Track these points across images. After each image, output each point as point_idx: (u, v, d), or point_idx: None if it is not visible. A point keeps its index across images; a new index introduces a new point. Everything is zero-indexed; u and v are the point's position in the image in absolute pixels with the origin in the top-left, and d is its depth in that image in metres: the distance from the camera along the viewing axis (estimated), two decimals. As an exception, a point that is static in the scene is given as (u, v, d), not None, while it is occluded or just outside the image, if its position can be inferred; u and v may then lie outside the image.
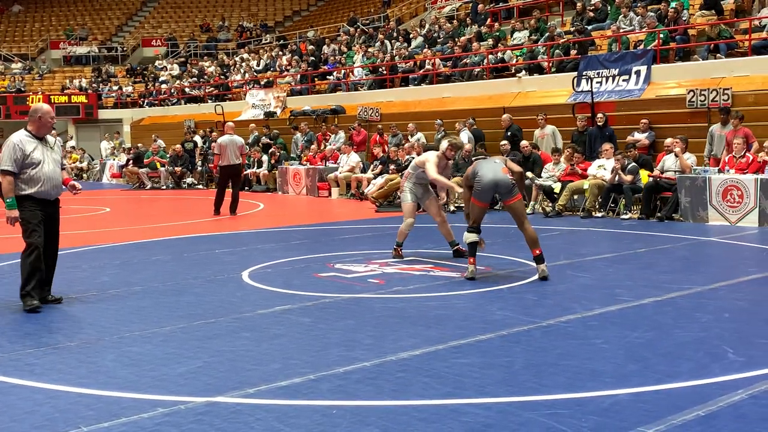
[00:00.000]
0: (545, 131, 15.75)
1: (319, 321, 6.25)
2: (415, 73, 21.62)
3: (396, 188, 15.81)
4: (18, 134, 6.90)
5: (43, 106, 7.09)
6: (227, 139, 14.55)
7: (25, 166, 6.75)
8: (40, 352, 5.49)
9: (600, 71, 16.56)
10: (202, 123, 26.29)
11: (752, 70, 14.59)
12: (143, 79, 34.98)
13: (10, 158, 6.72)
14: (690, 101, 14.45)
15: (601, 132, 14.59)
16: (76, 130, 32.52)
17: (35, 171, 6.78)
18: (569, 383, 4.61)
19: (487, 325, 6.03)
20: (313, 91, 24.99)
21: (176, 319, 6.39)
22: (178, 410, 4.27)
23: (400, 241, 9.32)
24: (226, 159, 14.50)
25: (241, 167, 15.44)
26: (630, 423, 3.97)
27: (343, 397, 4.45)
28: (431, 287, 7.55)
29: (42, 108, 7.02)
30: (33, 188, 6.80)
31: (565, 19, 20.99)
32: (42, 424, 4.12)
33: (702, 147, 13.65)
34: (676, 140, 12.73)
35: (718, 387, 4.51)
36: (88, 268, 9.06)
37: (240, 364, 5.12)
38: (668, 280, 7.67)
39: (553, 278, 7.86)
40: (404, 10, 30.53)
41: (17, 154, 6.73)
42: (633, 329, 5.81)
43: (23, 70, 36.50)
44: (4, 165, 6.71)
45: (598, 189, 13.17)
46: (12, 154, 6.73)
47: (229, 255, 9.83)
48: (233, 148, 14.50)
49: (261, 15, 40.96)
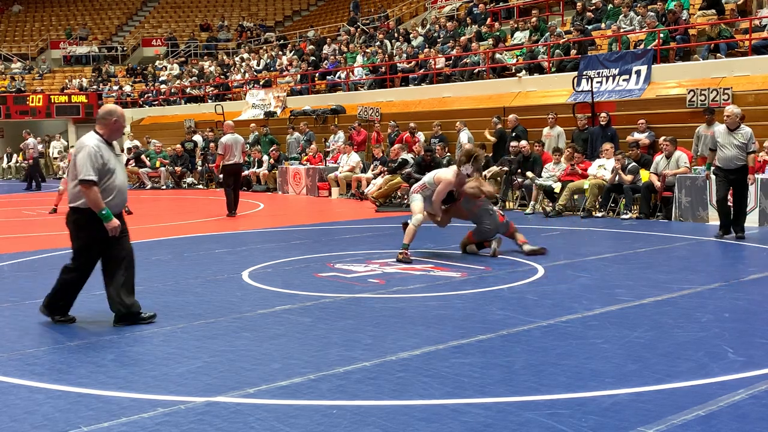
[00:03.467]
0: (552, 132, 15.69)
1: (319, 321, 6.25)
2: (415, 73, 21.62)
3: (396, 188, 15.81)
4: (91, 138, 6.10)
5: (118, 108, 6.40)
6: (230, 139, 14.53)
7: (102, 175, 6.01)
8: (40, 352, 5.49)
9: (600, 71, 16.56)
10: (202, 123, 26.30)
11: (752, 70, 14.59)
12: (143, 79, 34.99)
13: (92, 166, 5.91)
14: (690, 101, 14.45)
15: (603, 132, 14.59)
16: (76, 130, 32.52)
17: (110, 181, 6.05)
18: (569, 383, 4.61)
19: (487, 325, 6.03)
20: (313, 91, 24.99)
21: (176, 319, 6.38)
22: (178, 410, 4.27)
23: (408, 243, 9.17)
24: (229, 158, 14.47)
25: (242, 167, 15.44)
26: (630, 423, 3.97)
27: (343, 397, 4.44)
28: (431, 287, 7.55)
29: (117, 110, 6.32)
30: (105, 200, 6.03)
31: (565, 19, 21.00)
32: (42, 424, 4.12)
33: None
34: (666, 142, 12.71)
35: (718, 387, 4.51)
36: (88, 268, 9.04)
37: (240, 364, 5.12)
38: (668, 280, 7.67)
39: (553, 278, 7.86)
40: (404, 10, 30.53)
41: (98, 161, 5.96)
42: (633, 329, 5.81)
43: (23, 70, 36.51)
44: (87, 175, 5.89)
45: (598, 189, 13.17)
46: (93, 161, 5.93)
47: (229, 255, 9.83)
48: (237, 148, 14.49)
49: (261, 15, 40.96)
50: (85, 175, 5.90)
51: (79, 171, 5.94)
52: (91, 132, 6.22)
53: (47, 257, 9.71)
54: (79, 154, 5.99)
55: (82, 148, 6.03)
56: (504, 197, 15.04)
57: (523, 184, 14.51)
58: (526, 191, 14.50)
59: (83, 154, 5.97)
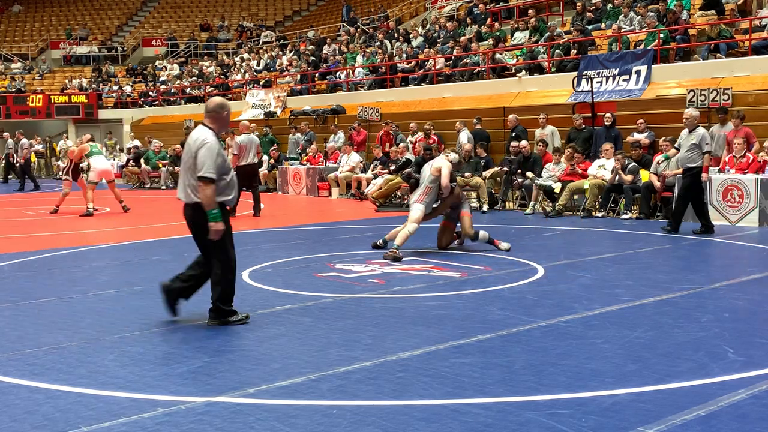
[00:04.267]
0: (545, 131, 15.76)
1: (319, 321, 6.25)
2: (415, 73, 21.62)
3: (396, 188, 15.81)
4: (208, 134, 5.99)
5: (226, 101, 6.36)
6: (246, 139, 14.47)
7: (224, 171, 5.97)
8: (40, 352, 5.49)
9: (600, 71, 16.56)
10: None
11: (752, 70, 14.59)
12: (143, 79, 34.98)
13: (212, 163, 5.84)
14: (690, 101, 14.44)
15: (607, 132, 14.59)
16: (76, 130, 32.52)
17: (230, 176, 6.04)
18: (569, 383, 4.61)
19: (487, 325, 6.03)
20: (313, 91, 24.99)
21: (176, 319, 6.38)
22: (178, 410, 4.27)
23: (400, 245, 9.26)
24: (244, 158, 14.42)
25: (257, 167, 15.38)
26: (630, 423, 3.97)
27: (343, 397, 4.44)
28: (431, 287, 7.55)
29: (227, 103, 6.30)
30: (227, 196, 6.01)
31: (565, 19, 20.99)
32: (42, 424, 4.12)
33: (702, 147, 13.64)
34: (666, 142, 12.73)
35: (718, 387, 4.51)
36: (88, 268, 9.06)
37: (240, 364, 5.12)
38: (668, 280, 7.67)
39: (553, 278, 7.86)
40: (404, 10, 30.53)
41: (219, 158, 5.90)
42: (633, 329, 5.81)
43: (23, 70, 36.51)
44: (208, 172, 5.81)
45: (598, 189, 13.17)
46: (216, 158, 5.86)
47: (229, 255, 9.81)
48: (251, 148, 14.43)
49: (261, 15, 40.96)
50: (206, 172, 5.83)
51: (200, 167, 5.84)
52: (202, 127, 6.10)
53: (47, 257, 9.71)
54: (201, 149, 5.88)
55: (202, 144, 5.90)
56: (504, 197, 15.05)
57: (523, 184, 14.51)
58: (526, 191, 14.50)
59: (205, 151, 5.87)
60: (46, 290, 7.71)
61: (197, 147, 5.91)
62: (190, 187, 5.97)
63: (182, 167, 6.12)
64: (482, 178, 14.82)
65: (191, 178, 5.95)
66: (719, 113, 13.23)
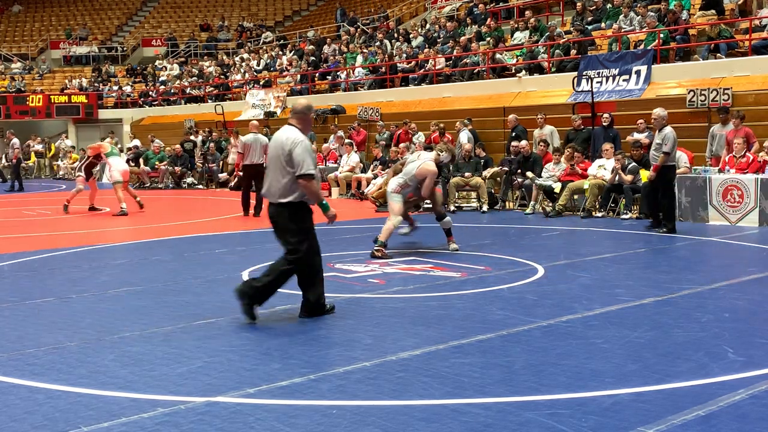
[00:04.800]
0: (544, 131, 15.76)
1: (319, 321, 6.25)
2: (415, 73, 21.62)
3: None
4: (298, 133, 6.20)
5: (312, 103, 6.59)
6: (251, 138, 14.44)
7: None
8: (40, 352, 5.49)
9: (600, 71, 16.56)
10: (202, 123, 26.30)
11: (752, 70, 14.59)
12: (143, 79, 34.99)
13: (313, 161, 6.13)
14: (690, 101, 14.45)
15: (605, 132, 14.59)
16: (76, 130, 32.52)
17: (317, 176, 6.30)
18: (569, 383, 4.61)
19: (487, 325, 6.03)
20: (313, 91, 24.99)
21: (176, 319, 6.38)
22: (178, 410, 4.27)
23: (384, 240, 9.34)
24: (249, 158, 14.40)
25: (263, 167, 15.37)
26: (630, 423, 3.97)
27: (343, 397, 4.44)
28: (431, 287, 7.55)
29: (312, 105, 6.54)
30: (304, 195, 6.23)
31: (565, 19, 20.99)
32: (42, 424, 4.12)
33: (702, 147, 13.66)
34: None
35: (718, 387, 4.51)
36: (88, 268, 9.05)
37: (240, 364, 5.12)
38: (668, 280, 7.67)
39: (553, 278, 7.86)
40: (404, 10, 30.53)
41: (313, 155, 6.20)
42: (633, 329, 5.81)
43: (23, 70, 36.50)
44: (308, 169, 6.05)
45: (598, 189, 13.17)
46: (311, 156, 6.13)
47: (229, 255, 9.83)
48: (257, 147, 14.39)
49: (261, 15, 40.96)
50: (307, 170, 6.04)
51: (300, 165, 6.03)
52: (289, 127, 6.27)
53: (47, 257, 9.72)
54: (297, 149, 6.06)
55: (298, 143, 6.08)
56: (504, 197, 15.05)
57: (523, 184, 14.51)
58: (526, 191, 14.50)
59: (302, 150, 6.06)
60: (46, 290, 7.71)
61: (292, 146, 6.09)
62: (279, 186, 6.15)
63: (271, 167, 6.24)
64: (482, 178, 14.82)
65: (282, 177, 6.12)
66: (720, 113, 13.23)
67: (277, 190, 6.16)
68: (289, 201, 6.15)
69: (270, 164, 6.28)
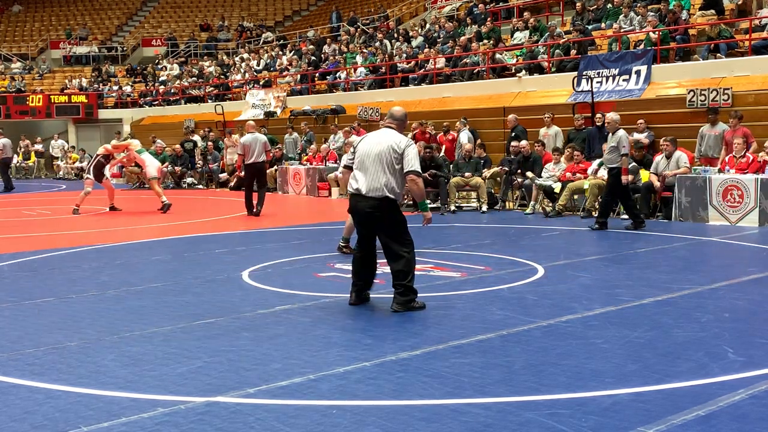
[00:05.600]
0: (549, 131, 15.73)
1: (319, 321, 6.25)
2: (415, 73, 21.62)
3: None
4: (402, 135, 6.70)
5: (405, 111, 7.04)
6: (250, 138, 14.52)
7: None
8: (40, 352, 5.49)
9: (600, 71, 16.56)
10: (202, 123, 26.30)
11: (752, 70, 14.59)
12: (143, 79, 34.99)
13: (418, 161, 6.65)
14: (690, 101, 14.45)
15: (600, 132, 14.59)
16: (76, 130, 32.51)
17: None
18: (569, 383, 4.61)
19: (487, 325, 6.03)
20: (313, 91, 24.99)
21: (176, 319, 6.38)
22: (178, 410, 4.27)
23: (348, 237, 9.43)
24: (250, 157, 14.48)
25: (266, 165, 15.40)
26: (630, 423, 3.97)
27: (343, 397, 4.44)
28: (431, 287, 7.55)
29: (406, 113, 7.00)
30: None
31: (565, 19, 20.99)
32: (42, 424, 4.12)
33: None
34: (666, 142, 12.73)
35: (718, 387, 4.51)
36: (88, 268, 9.05)
37: (240, 364, 5.12)
38: (668, 280, 7.67)
39: (552, 278, 7.86)
40: (404, 10, 30.53)
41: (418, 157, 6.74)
42: (633, 329, 5.81)
43: (23, 70, 36.50)
44: (419, 167, 6.61)
45: (598, 189, 13.16)
46: (419, 156, 6.71)
47: (229, 255, 9.83)
48: (257, 147, 14.48)
49: (261, 15, 40.96)
50: (418, 167, 6.55)
51: (411, 164, 6.49)
52: (390, 130, 6.68)
53: (47, 257, 9.71)
54: (410, 148, 6.54)
55: (410, 144, 6.58)
56: (504, 197, 15.05)
57: (523, 184, 14.51)
58: (526, 191, 14.50)
59: (413, 150, 6.57)
60: (45, 290, 7.71)
61: (406, 146, 6.55)
62: (384, 181, 6.50)
63: (375, 163, 6.55)
64: (482, 178, 14.83)
65: (390, 174, 6.50)
66: (710, 113, 13.22)
67: (383, 186, 6.50)
68: (394, 197, 6.59)
69: (367, 163, 6.59)
